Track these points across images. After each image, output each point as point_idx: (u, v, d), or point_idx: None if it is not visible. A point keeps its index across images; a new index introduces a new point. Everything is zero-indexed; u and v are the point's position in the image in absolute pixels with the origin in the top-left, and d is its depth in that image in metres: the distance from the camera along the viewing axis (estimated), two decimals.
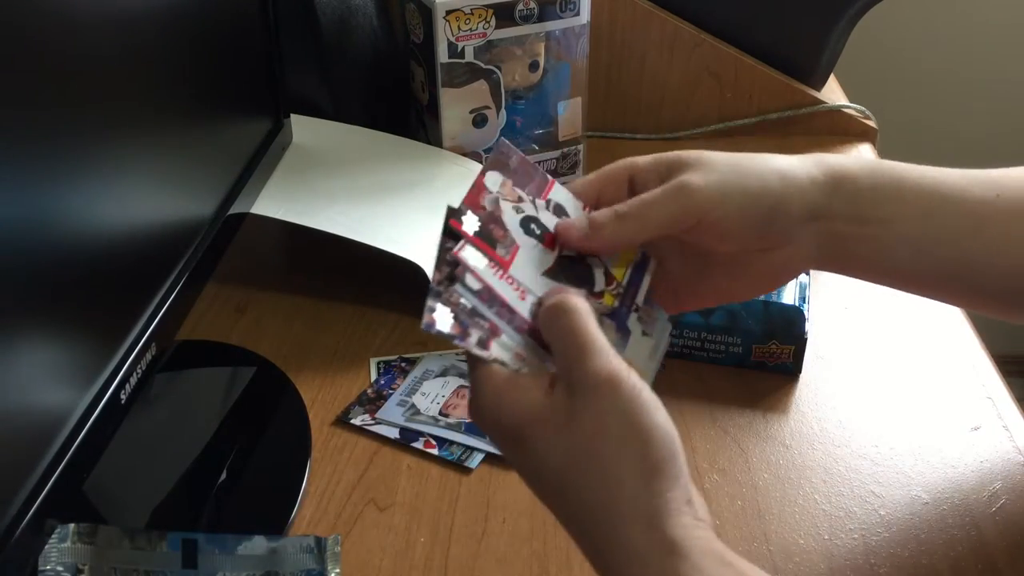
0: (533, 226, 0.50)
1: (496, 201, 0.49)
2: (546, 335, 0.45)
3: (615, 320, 0.51)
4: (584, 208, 0.52)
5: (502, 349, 0.45)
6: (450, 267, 0.46)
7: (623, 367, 0.43)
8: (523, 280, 0.48)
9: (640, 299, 0.52)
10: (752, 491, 0.63)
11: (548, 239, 0.50)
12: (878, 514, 0.61)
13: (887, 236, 0.52)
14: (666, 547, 0.41)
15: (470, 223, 0.48)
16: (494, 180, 0.50)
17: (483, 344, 0.45)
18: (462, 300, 0.45)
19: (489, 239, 0.48)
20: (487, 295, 0.46)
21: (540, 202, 0.51)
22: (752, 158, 0.52)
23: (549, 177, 0.52)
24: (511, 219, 0.49)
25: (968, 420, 0.68)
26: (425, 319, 0.44)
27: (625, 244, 0.52)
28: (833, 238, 0.52)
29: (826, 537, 0.60)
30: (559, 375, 0.44)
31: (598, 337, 0.44)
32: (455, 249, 0.46)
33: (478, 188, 0.50)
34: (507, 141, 0.52)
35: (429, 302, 0.45)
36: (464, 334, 0.45)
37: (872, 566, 0.58)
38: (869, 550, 0.59)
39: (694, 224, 0.50)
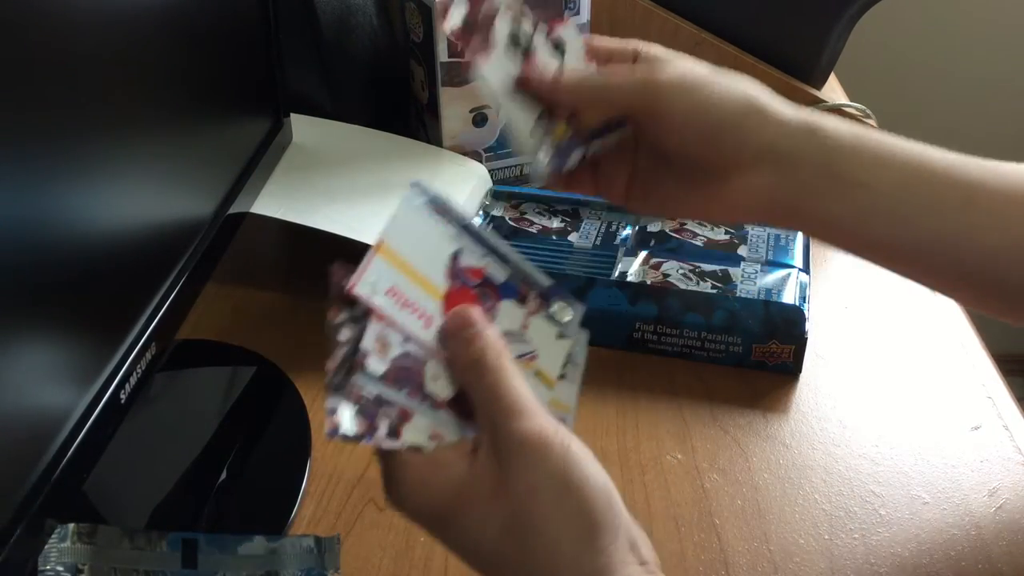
0: (521, 40, 0.49)
1: (495, 8, 0.48)
2: (466, 388, 0.43)
3: (564, 150, 0.50)
4: (587, 58, 0.52)
5: (415, 433, 0.42)
6: (346, 348, 0.42)
7: (550, 425, 0.41)
8: (491, 80, 0.47)
9: (594, 147, 0.51)
10: (752, 491, 0.63)
11: (528, 61, 0.50)
12: (878, 514, 0.61)
13: (864, 198, 0.49)
14: None
15: (456, 14, 0.47)
16: None
17: (393, 432, 0.42)
18: (364, 391, 0.42)
19: (469, 32, 0.47)
20: (393, 374, 0.42)
21: (543, 26, 0.50)
22: (734, 78, 0.51)
23: (567, 13, 0.52)
24: (502, 28, 0.49)
25: (968, 420, 0.68)
26: (327, 425, 0.41)
27: (578, 109, 0.51)
28: (799, 187, 0.50)
29: (826, 537, 0.60)
30: (483, 435, 0.42)
31: (523, 394, 0.41)
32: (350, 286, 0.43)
33: None
34: None
35: (329, 402, 0.41)
36: (371, 429, 0.42)
37: (872, 566, 0.58)
38: (869, 550, 0.59)
39: (646, 110, 0.50)
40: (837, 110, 1.07)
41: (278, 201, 0.77)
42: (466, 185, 0.85)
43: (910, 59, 1.62)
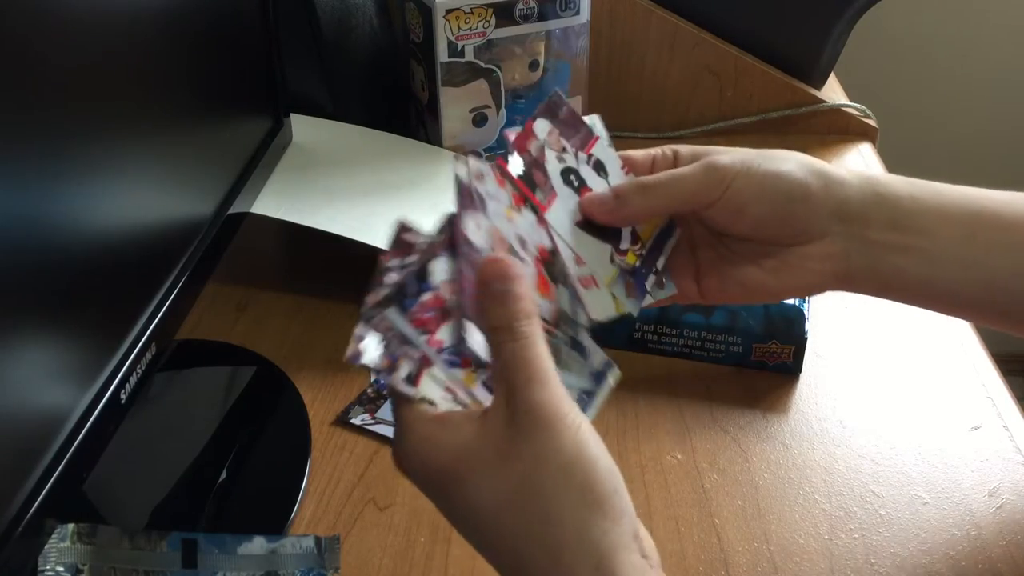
0: (572, 177, 0.51)
1: (542, 148, 0.50)
2: (491, 345, 0.43)
3: (635, 279, 0.51)
4: (623, 169, 0.53)
5: (432, 384, 0.43)
6: (389, 290, 0.44)
7: (567, 402, 0.41)
8: (557, 227, 0.49)
9: (660, 264, 0.52)
10: (752, 491, 0.63)
11: (584, 192, 0.51)
12: (878, 514, 0.61)
13: (932, 247, 0.49)
14: None
15: (515, 165, 0.48)
16: (542, 127, 0.51)
17: (412, 379, 0.43)
18: (395, 325, 0.43)
19: (530, 182, 0.49)
20: (423, 319, 0.43)
21: (582, 155, 0.52)
22: (786, 151, 0.52)
23: (594, 132, 0.53)
24: (553, 167, 0.50)
25: (968, 420, 0.68)
26: (350, 350, 0.42)
27: (649, 215, 0.51)
28: (868, 246, 0.50)
29: (826, 537, 0.60)
30: (497, 400, 0.41)
31: (548, 367, 0.41)
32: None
33: (527, 133, 0.50)
34: (560, 92, 0.52)
35: (358, 329, 0.42)
36: (391, 368, 0.43)
37: (872, 566, 0.58)
38: (869, 550, 0.59)
39: (717, 198, 0.50)
40: (837, 110, 1.07)
41: (278, 201, 0.77)
42: None
43: (910, 59, 1.61)
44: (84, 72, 0.50)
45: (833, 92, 1.11)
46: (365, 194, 0.82)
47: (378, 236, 0.75)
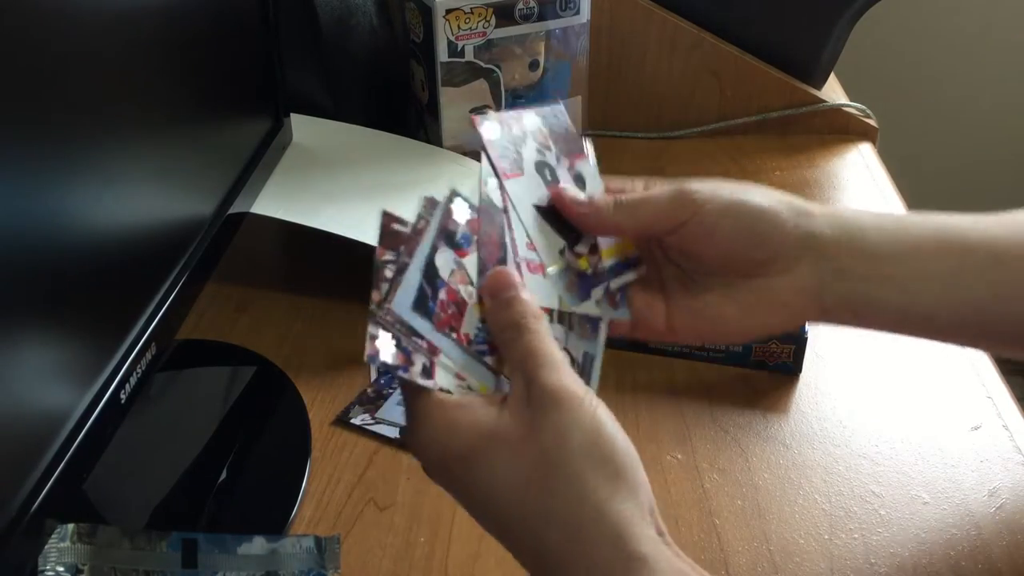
0: (547, 172, 0.50)
1: (524, 136, 0.50)
2: (501, 344, 0.45)
3: (580, 281, 0.50)
4: (605, 190, 0.52)
5: (445, 374, 0.44)
6: (389, 284, 0.44)
7: (582, 386, 0.43)
8: (515, 202, 0.48)
9: (614, 284, 0.51)
10: (752, 491, 0.63)
11: (555, 187, 0.51)
12: (878, 514, 0.61)
13: (904, 275, 0.49)
14: (635, 564, 0.39)
15: (491, 128, 0.48)
16: (533, 121, 0.51)
17: (427, 372, 0.44)
18: (401, 318, 0.44)
19: (503, 147, 0.48)
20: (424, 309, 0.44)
21: (565, 163, 0.51)
22: (759, 189, 0.52)
23: (587, 150, 0.52)
24: (529, 154, 0.50)
25: (968, 420, 0.68)
26: (368, 349, 0.42)
27: (617, 231, 0.51)
28: (840, 277, 0.50)
29: (826, 537, 0.60)
30: (515, 389, 0.43)
31: (557, 355, 0.43)
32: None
33: (516, 116, 0.50)
34: (563, 104, 0.52)
35: (371, 328, 0.43)
36: (407, 363, 0.43)
37: (872, 566, 0.58)
38: (869, 550, 0.59)
39: (686, 219, 0.50)
40: (837, 110, 1.07)
41: (278, 201, 0.77)
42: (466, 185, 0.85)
43: (910, 59, 1.62)
44: (84, 72, 0.50)
45: (833, 92, 1.11)
46: (365, 194, 0.82)
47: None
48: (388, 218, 0.45)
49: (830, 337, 0.76)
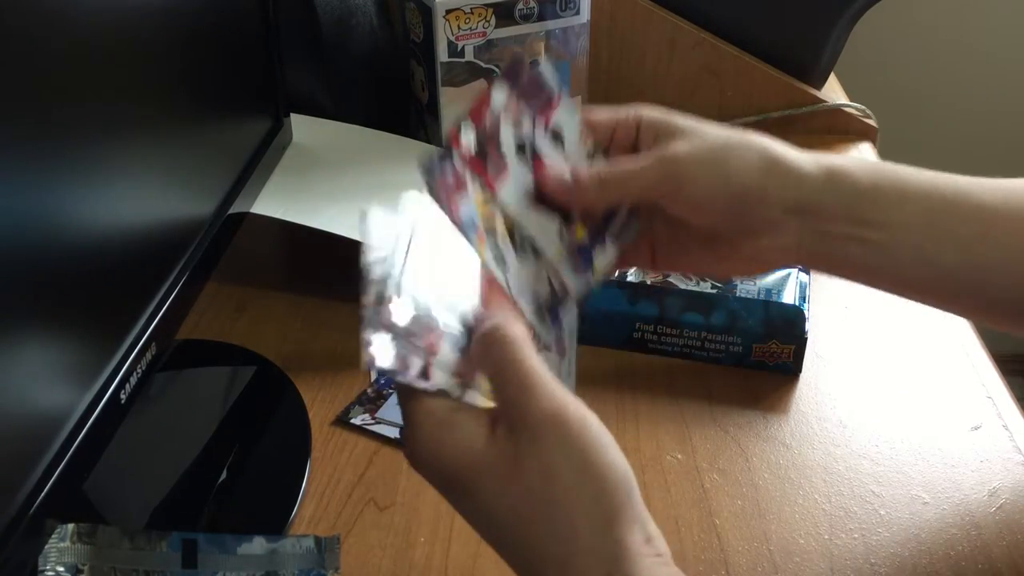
0: (527, 151, 0.50)
1: (497, 120, 0.49)
2: (480, 367, 0.43)
3: (581, 254, 0.50)
4: (584, 139, 0.52)
5: (442, 373, 0.43)
6: (379, 285, 0.43)
7: (567, 402, 0.40)
8: (509, 201, 0.48)
9: (610, 235, 0.52)
10: (752, 491, 0.63)
11: (538, 165, 0.50)
12: (878, 514, 0.61)
13: (888, 240, 0.50)
14: None
15: (467, 138, 0.48)
16: (500, 95, 0.49)
17: (424, 373, 0.42)
18: (395, 319, 0.43)
19: (482, 155, 0.48)
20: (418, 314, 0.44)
21: (540, 125, 0.51)
22: (746, 138, 0.52)
23: (558, 92, 0.51)
24: (507, 140, 0.49)
25: (968, 420, 0.68)
26: (365, 356, 0.41)
27: (603, 206, 0.52)
28: (823, 237, 0.50)
29: (826, 537, 0.59)
30: (500, 409, 0.41)
31: (537, 369, 0.41)
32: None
33: (482, 101, 0.49)
34: (521, 53, 0.52)
35: (365, 334, 0.42)
36: (405, 366, 0.42)
37: (872, 566, 0.57)
38: (869, 550, 0.59)
39: (670, 192, 0.50)
40: (837, 110, 1.07)
41: (278, 201, 0.77)
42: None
43: (910, 59, 1.61)
44: (84, 72, 0.50)
45: (833, 92, 1.11)
46: (365, 194, 0.82)
47: None
48: (372, 217, 0.45)
49: (830, 337, 0.76)
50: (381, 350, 0.42)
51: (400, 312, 0.43)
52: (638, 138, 0.53)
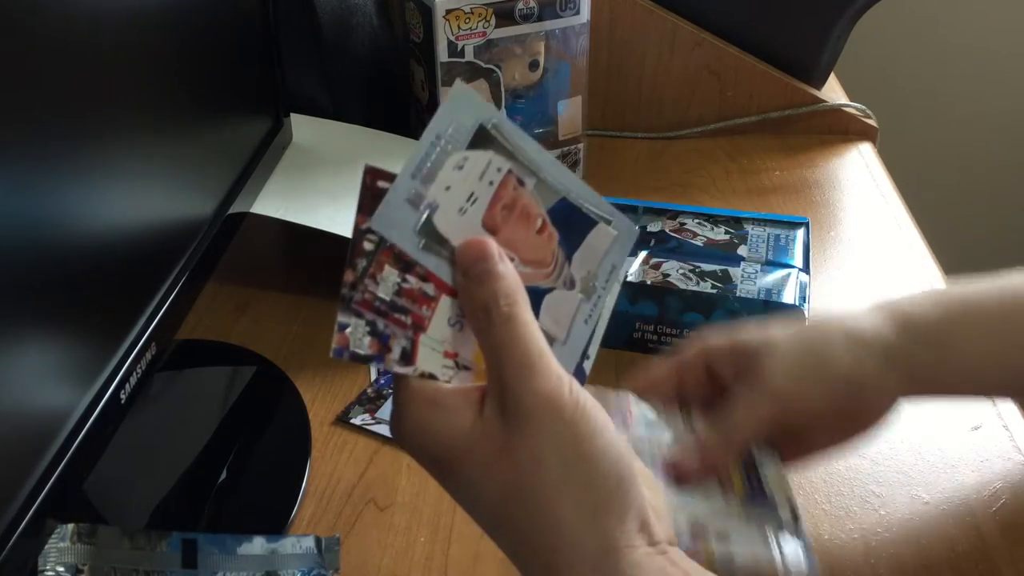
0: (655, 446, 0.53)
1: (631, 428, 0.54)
2: (475, 334, 0.40)
3: (756, 501, 0.52)
4: (664, 406, 0.55)
5: (430, 354, 0.40)
6: (366, 260, 0.39)
7: (563, 386, 0.38)
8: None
9: (763, 478, 0.53)
10: None
11: (665, 468, 0.52)
12: (878, 514, 0.61)
13: (964, 358, 0.53)
14: None
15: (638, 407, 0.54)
16: (623, 402, 0.54)
17: (407, 356, 0.39)
18: (379, 294, 0.38)
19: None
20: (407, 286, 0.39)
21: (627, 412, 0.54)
22: (820, 330, 0.54)
23: (627, 397, 0.54)
24: (640, 436, 0.53)
25: (968, 420, 0.68)
26: (336, 342, 0.38)
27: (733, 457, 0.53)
28: (915, 370, 0.53)
29: (826, 537, 0.59)
30: (490, 390, 0.39)
31: (536, 348, 0.39)
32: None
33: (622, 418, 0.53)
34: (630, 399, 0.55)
35: (340, 317, 0.38)
36: (383, 350, 0.39)
37: (872, 566, 0.57)
38: (869, 550, 0.59)
39: (780, 412, 0.52)
40: (837, 110, 1.07)
41: (278, 201, 0.77)
42: None
43: (910, 59, 1.62)
44: (84, 72, 0.50)
45: (833, 92, 1.11)
46: None
47: None
48: (373, 174, 0.38)
49: None
50: (355, 334, 0.38)
51: (385, 288, 0.39)
52: (712, 376, 0.55)
